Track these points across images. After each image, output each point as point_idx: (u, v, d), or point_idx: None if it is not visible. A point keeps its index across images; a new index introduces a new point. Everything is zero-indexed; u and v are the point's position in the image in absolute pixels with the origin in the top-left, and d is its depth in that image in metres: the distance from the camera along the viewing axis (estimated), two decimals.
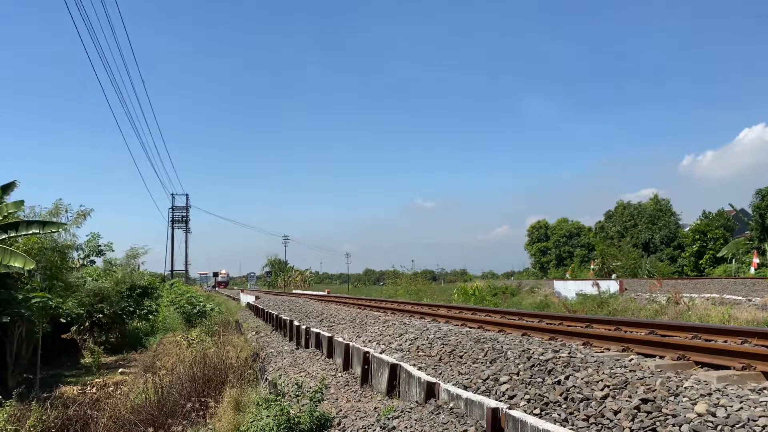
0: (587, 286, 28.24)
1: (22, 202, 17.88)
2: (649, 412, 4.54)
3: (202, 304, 27.62)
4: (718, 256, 50.86)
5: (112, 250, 27.01)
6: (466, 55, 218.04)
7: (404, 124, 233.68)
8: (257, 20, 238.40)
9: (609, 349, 7.32)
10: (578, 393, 5.28)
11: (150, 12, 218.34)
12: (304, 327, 14.65)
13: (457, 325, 11.17)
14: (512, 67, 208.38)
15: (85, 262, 25.96)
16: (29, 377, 16.02)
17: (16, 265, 14.93)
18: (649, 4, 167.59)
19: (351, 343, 10.32)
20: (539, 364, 6.34)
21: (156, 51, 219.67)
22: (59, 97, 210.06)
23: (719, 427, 4.11)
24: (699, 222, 56.62)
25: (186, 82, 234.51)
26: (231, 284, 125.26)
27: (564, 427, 4.79)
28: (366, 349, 9.38)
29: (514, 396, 5.80)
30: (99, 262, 26.84)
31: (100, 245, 26.54)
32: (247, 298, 42.88)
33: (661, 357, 6.55)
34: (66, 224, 20.03)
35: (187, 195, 63.41)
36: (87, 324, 22.25)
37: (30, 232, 16.86)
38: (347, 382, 9.35)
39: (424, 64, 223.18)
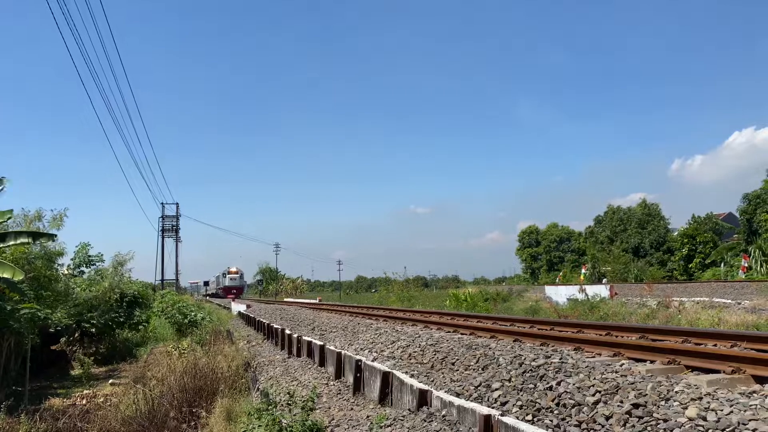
0: (578, 291, 28.34)
1: (10, 211, 17.70)
2: (640, 417, 4.57)
3: (193, 313, 27.43)
4: (707, 262, 51.25)
5: (102, 261, 26.73)
6: (457, 61, 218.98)
7: (396, 130, 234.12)
8: (247, 25, 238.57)
9: (600, 354, 7.35)
10: (570, 398, 5.30)
11: (138, 18, 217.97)
12: (295, 335, 14.60)
13: (449, 332, 11.18)
14: (503, 72, 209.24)
15: (75, 273, 25.70)
16: (18, 389, 15.82)
17: (5, 275, 14.78)
18: (638, 9, 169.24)
19: (343, 352, 10.30)
20: (531, 370, 6.35)
21: (143, 58, 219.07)
22: (44, 104, 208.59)
23: (710, 431, 4.14)
24: (688, 226, 57.06)
25: (175, 89, 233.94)
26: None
27: None
28: (358, 357, 9.36)
29: (506, 402, 5.81)
30: (87, 272, 26.54)
31: (90, 255, 26.29)
32: (238, 307, 42.70)
33: (652, 361, 6.58)
34: (55, 234, 19.85)
35: (177, 204, 62.94)
36: (77, 334, 22.03)
37: (19, 242, 16.69)
38: (339, 390, 9.32)
39: (414, 70, 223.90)
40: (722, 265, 47.53)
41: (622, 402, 4.92)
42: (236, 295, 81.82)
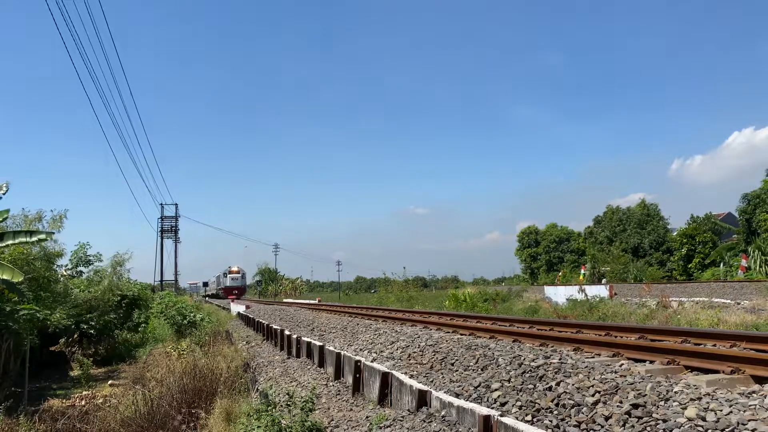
0: (578, 292, 28.33)
1: (7, 211, 17.68)
2: (639, 417, 4.56)
3: (192, 314, 27.42)
4: (706, 262, 51.23)
5: (101, 260, 26.69)
6: (457, 62, 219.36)
7: (396, 131, 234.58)
8: (245, 27, 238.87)
9: (599, 355, 7.34)
10: (569, 399, 5.30)
11: (137, 21, 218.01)
12: (295, 336, 14.59)
13: (448, 332, 11.17)
14: (502, 73, 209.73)
15: (73, 273, 25.68)
16: (17, 390, 15.81)
17: (4, 277, 14.76)
18: (637, 9, 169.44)
19: (342, 352, 10.29)
20: (530, 370, 6.35)
21: (144, 60, 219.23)
22: (43, 106, 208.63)
23: (709, 431, 4.14)
24: (687, 226, 57.06)
25: (175, 90, 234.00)
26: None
27: None
28: (357, 357, 9.35)
29: (505, 403, 5.81)
30: (87, 272, 26.51)
31: (88, 255, 26.26)
32: (237, 308, 42.67)
33: (651, 362, 6.58)
34: (53, 232, 19.84)
35: (176, 205, 62.90)
36: (76, 336, 22.03)
37: (17, 241, 16.66)
38: (339, 391, 9.31)
39: (414, 72, 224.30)
40: (721, 265, 47.52)
41: (621, 402, 4.91)
42: (238, 295, 78.87)
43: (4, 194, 16.78)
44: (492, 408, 5.64)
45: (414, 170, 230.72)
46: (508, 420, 5.01)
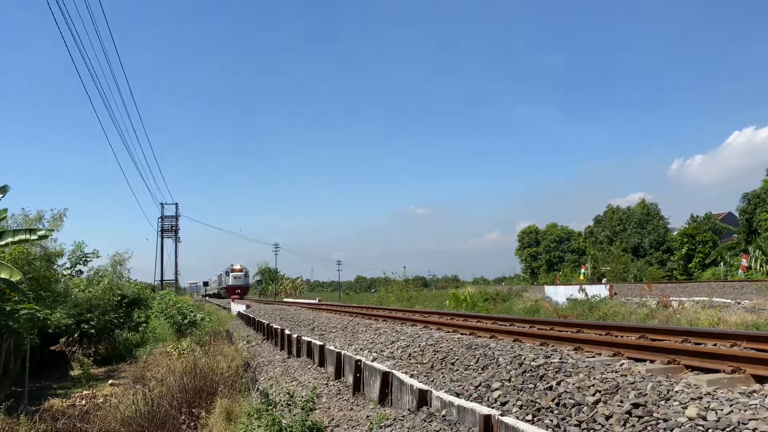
0: (578, 291, 28.33)
1: (5, 210, 17.68)
2: (640, 417, 4.56)
3: (192, 314, 27.39)
4: (706, 261, 51.25)
5: (98, 256, 26.62)
6: (457, 62, 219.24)
7: (396, 131, 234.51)
8: (246, 25, 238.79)
9: (600, 354, 7.34)
10: (570, 398, 5.29)
11: (136, 19, 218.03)
12: (295, 336, 14.59)
13: (448, 332, 11.17)
14: (502, 73, 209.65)
15: (73, 273, 25.65)
16: (17, 390, 15.81)
17: (2, 276, 14.75)
18: (637, 9, 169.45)
19: (343, 352, 10.29)
20: (531, 369, 6.35)
21: (144, 59, 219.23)
22: (42, 104, 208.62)
23: (710, 431, 4.14)
24: (687, 226, 57.07)
25: (175, 90, 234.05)
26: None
27: None
28: (358, 357, 9.35)
29: (506, 402, 5.81)
30: (85, 272, 26.46)
31: (86, 254, 26.21)
32: (238, 308, 42.68)
33: (652, 361, 6.58)
34: (52, 230, 19.81)
35: (176, 204, 62.82)
36: (76, 335, 22.00)
37: (17, 239, 16.63)
38: (339, 390, 9.31)
39: (415, 71, 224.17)
40: (722, 264, 47.56)
41: (622, 402, 4.91)
42: (241, 295, 76.03)
43: (3, 197, 16.78)
44: (492, 407, 5.64)
45: (414, 170, 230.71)
46: (508, 419, 5.01)
